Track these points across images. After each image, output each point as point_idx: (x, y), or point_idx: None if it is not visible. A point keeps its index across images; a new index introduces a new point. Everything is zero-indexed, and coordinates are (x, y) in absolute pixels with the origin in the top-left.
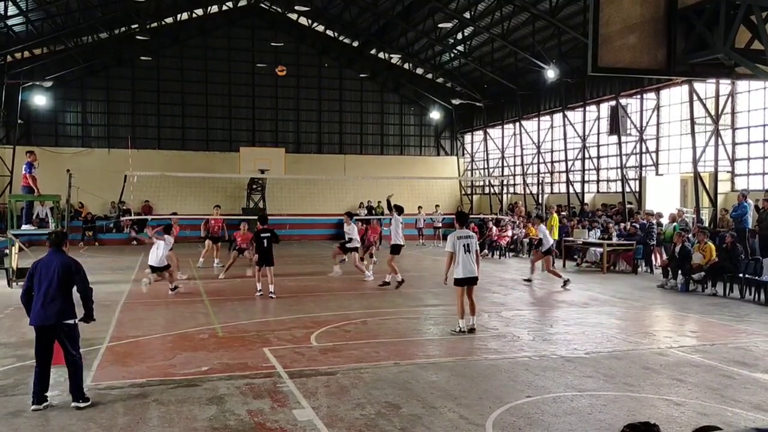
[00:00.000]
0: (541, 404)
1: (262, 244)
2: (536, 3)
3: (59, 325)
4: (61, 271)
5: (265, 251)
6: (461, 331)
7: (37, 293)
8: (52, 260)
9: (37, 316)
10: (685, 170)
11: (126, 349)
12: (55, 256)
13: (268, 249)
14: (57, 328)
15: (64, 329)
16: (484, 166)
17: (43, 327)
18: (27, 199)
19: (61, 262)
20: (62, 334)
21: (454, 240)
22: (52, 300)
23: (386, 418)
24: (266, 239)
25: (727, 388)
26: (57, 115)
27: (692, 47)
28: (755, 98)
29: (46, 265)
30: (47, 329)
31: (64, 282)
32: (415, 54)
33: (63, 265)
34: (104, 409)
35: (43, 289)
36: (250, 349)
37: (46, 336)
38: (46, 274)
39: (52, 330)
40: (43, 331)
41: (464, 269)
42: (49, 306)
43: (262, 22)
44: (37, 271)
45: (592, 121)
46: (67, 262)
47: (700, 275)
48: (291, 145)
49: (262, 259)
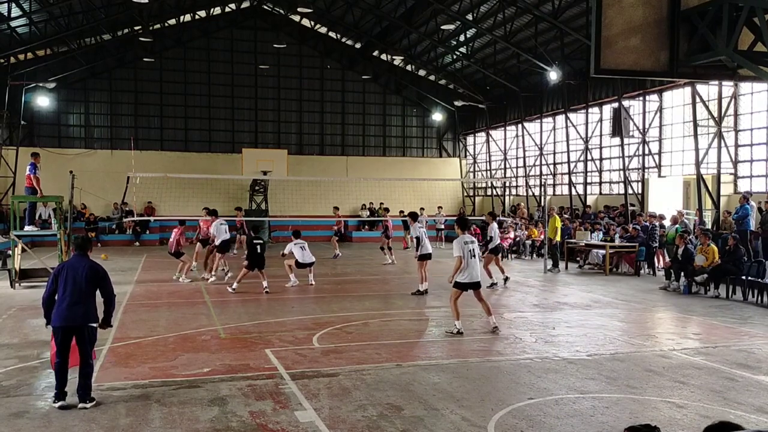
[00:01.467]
0: (544, 406)
1: (256, 251)
2: (539, 5)
3: (84, 327)
4: (90, 274)
5: (259, 257)
6: (459, 332)
7: (62, 294)
8: (78, 263)
9: (63, 317)
10: (687, 172)
11: (128, 350)
12: (81, 259)
13: (261, 255)
14: (80, 329)
15: (87, 331)
16: (487, 167)
17: (67, 328)
18: (30, 200)
19: (89, 266)
20: (84, 336)
21: (462, 245)
22: (78, 302)
23: (388, 419)
24: (259, 246)
25: (729, 390)
26: (60, 117)
27: (695, 49)
28: (758, 100)
29: (72, 267)
30: (70, 330)
31: (91, 285)
32: (418, 56)
33: (91, 269)
34: (106, 410)
35: (69, 290)
36: (252, 350)
37: (68, 337)
38: (72, 277)
39: (74, 331)
40: (66, 332)
41: (470, 274)
42: (75, 307)
43: (265, 24)
44: (62, 274)
45: (595, 123)
46: (95, 267)
47: (703, 277)
48: (293, 146)
49: (254, 264)
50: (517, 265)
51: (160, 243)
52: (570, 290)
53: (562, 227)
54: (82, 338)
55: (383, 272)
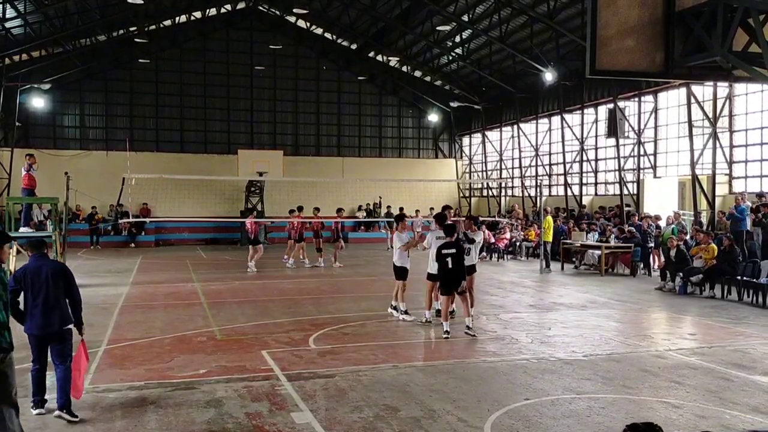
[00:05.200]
0: (540, 407)
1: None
2: (534, 6)
3: (60, 331)
4: (57, 277)
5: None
6: (427, 321)
7: (32, 301)
8: (40, 266)
9: (38, 326)
10: (683, 173)
11: (124, 352)
12: (43, 261)
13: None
14: (57, 334)
15: (64, 334)
16: (482, 168)
17: (43, 336)
18: (25, 202)
19: (52, 268)
20: (61, 339)
21: (432, 239)
22: (53, 308)
23: (384, 420)
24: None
25: (725, 390)
26: (55, 118)
27: (690, 50)
28: (753, 101)
29: (35, 271)
30: (47, 337)
31: (60, 288)
32: (414, 57)
33: (57, 271)
34: (102, 412)
35: (41, 297)
36: (249, 351)
37: (44, 344)
38: (38, 282)
39: (51, 337)
40: (42, 340)
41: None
42: (51, 314)
43: (261, 25)
44: (26, 278)
45: (590, 124)
46: (60, 268)
47: (698, 278)
48: (289, 147)
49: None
50: (512, 266)
51: (156, 244)
52: (566, 291)
53: (555, 228)
54: (58, 342)
55: (380, 273)
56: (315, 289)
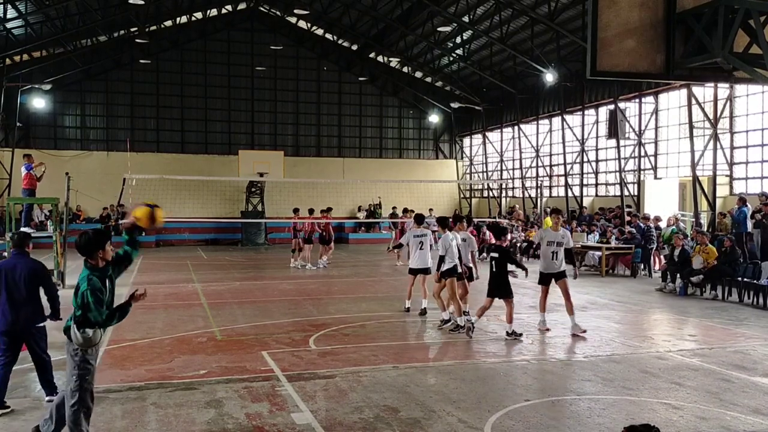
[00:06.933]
0: (540, 408)
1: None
2: (535, 7)
3: (30, 330)
4: (30, 276)
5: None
6: (407, 309)
7: (4, 298)
8: (16, 264)
9: (7, 322)
10: (683, 174)
11: (124, 352)
12: (20, 259)
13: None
14: (28, 332)
15: (34, 333)
16: (483, 169)
17: (13, 332)
18: (26, 202)
19: (27, 266)
20: (32, 338)
21: (410, 237)
22: (23, 305)
23: (385, 421)
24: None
25: (725, 391)
26: (56, 118)
27: (691, 51)
28: (753, 102)
29: (10, 269)
30: (17, 334)
31: (33, 286)
32: (414, 57)
33: (31, 270)
34: (102, 412)
35: (12, 294)
36: (249, 352)
37: (15, 340)
38: (12, 279)
39: (21, 334)
40: (13, 336)
41: (419, 261)
42: (20, 312)
43: (262, 26)
44: (0, 275)
45: (591, 125)
46: (34, 267)
47: (699, 278)
48: (290, 148)
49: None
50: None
51: (156, 245)
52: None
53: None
54: (29, 340)
55: (380, 274)
56: (315, 290)
